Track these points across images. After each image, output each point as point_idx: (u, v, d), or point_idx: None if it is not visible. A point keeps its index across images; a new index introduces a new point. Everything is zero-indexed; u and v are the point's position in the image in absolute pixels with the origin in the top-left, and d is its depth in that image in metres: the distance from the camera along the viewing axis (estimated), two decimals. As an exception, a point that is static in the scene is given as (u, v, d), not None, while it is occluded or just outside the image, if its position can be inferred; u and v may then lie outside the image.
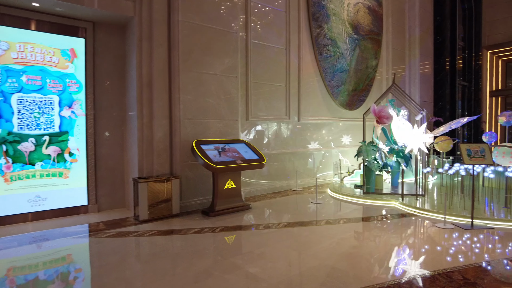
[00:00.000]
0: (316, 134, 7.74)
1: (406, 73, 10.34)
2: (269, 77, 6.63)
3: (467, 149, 3.99)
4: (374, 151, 5.69)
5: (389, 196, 5.66)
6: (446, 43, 11.43)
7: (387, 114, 5.59)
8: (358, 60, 8.46)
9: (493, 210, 4.65)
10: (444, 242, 3.59)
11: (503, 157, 4.58)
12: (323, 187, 6.99)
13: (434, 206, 4.96)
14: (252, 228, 4.16)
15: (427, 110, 11.00)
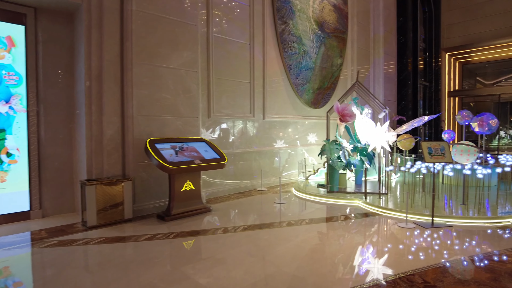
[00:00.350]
0: (282, 133, 7.59)
1: (370, 72, 10.46)
2: (233, 73, 6.38)
3: (428, 147, 3.96)
4: (337, 149, 5.60)
5: (352, 195, 5.59)
6: (409, 44, 11.71)
7: (350, 112, 5.52)
8: (323, 58, 8.41)
9: (452, 208, 4.69)
10: (406, 242, 3.52)
11: (461, 155, 4.62)
12: (288, 186, 6.85)
13: (397, 205, 4.93)
14: (209, 233, 3.90)
15: (391, 109, 11.22)
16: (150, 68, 4.91)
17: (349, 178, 6.96)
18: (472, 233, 3.83)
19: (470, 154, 4.57)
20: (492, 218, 4.17)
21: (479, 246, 3.41)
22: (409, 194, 5.20)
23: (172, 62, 5.16)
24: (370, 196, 5.45)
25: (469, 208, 4.62)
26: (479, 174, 4.45)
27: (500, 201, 5.04)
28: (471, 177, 5.83)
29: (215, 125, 6.09)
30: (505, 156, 6.32)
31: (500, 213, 4.31)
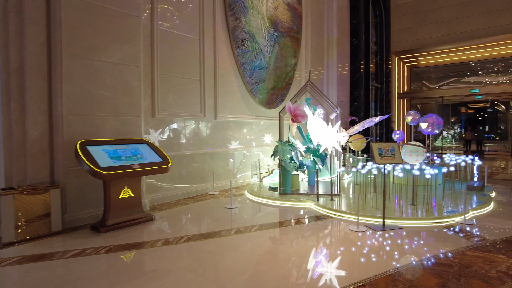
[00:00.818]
0: (237, 133, 7.31)
1: (324, 73, 10.52)
2: (181, 69, 5.98)
3: (379, 148, 3.88)
4: (290, 150, 5.43)
5: (305, 196, 5.45)
6: (361, 46, 11.98)
7: (303, 112, 5.37)
8: (277, 58, 8.25)
9: (402, 208, 4.68)
10: (357, 248, 3.38)
11: (410, 155, 4.64)
12: (243, 189, 6.58)
13: (349, 206, 4.85)
14: (147, 246, 3.50)
15: (344, 110, 11.39)
16: (84, 61, 4.39)
17: (302, 179, 6.85)
18: (421, 234, 3.80)
19: (418, 154, 4.60)
20: (439, 218, 4.20)
21: (427, 248, 3.36)
22: (360, 196, 5.15)
23: (110, 55, 4.67)
24: (323, 197, 5.34)
25: (418, 208, 4.64)
26: (427, 175, 4.48)
27: (445, 200, 5.14)
28: (419, 177, 5.95)
29: (161, 125, 5.65)
30: (449, 156, 6.55)
31: (446, 213, 4.35)
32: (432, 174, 4.49)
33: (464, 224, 4.07)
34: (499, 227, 4.08)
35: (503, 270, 2.78)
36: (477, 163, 5.98)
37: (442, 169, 4.81)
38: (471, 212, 4.52)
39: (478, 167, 6.13)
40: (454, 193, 5.53)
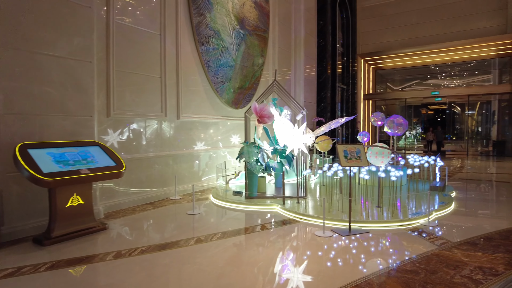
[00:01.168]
0: (203, 134, 7.02)
1: (292, 74, 10.45)
2: (140, 66, 5.60)
3: (344, 150, 3.77)
4: (256, 152, 5.23)
5: (272, 200, 5.28)
6: (328, 47, 12.06)
7: (269, 113, 5.19)
8: (244, 56, 8.04)
9: (368, 211, 4.63)
10: (323, 256, 3.24)
11: (376, 157, 4.60)
12: (208, 193, 6.30)
13: (316, 209, 4.73)
14: (96, 260, 3.15)
15: (311, 111, 11.40)
16: (26, 55, 3.93)
17: (269, 181, 6.69)
18: (387, 238, 3.74)
19: (384, 156, 4.57)
20: (404, 220, 4.17)
21: (394, 254, 3.28)
22: (327, 199, 5.05)
23: (58, 49, 4.23)
24: (290, 200, 5.19)
25: (383, 210, 4.61)
26: (392, 177, 4.45)
27: (410, 201, 5.17)
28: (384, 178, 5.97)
29: (118, 125, 5.25)
30: (412, 156, 6.65)
31: (411, 215, 4.34)
32: (398, 176, 4.47)
33: (428, 226, 4.06)
34: (461, 227, 4.11)
35: (467, 275, 2.74)
36: (439, 164, 6.10)
37: (407, 170, 4.81)
38: (435, 214, 4.54)
39: (439, 168, 6.26)
40: (418, 194, 5.58)
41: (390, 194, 4.97)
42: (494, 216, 4.74)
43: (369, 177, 4.52)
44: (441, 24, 15.32)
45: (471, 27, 14.70)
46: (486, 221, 4.44)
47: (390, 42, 16.43)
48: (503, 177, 8.57)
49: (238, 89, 7.86)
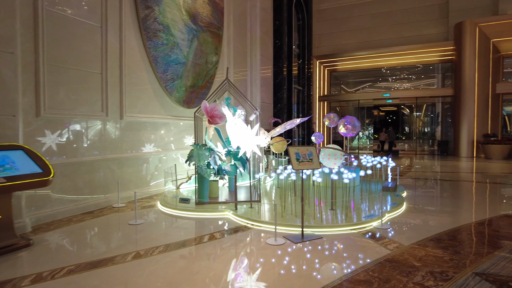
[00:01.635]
0: (153, 135, 6.55)
1: (248, 73, 10.24)
2: (77, 60, 5.04)
3: (296, 153, 3.59)
4: (207, 155, 4.90)
5: (224, 205, 4.99)
6: (284, 48, 12.00)
7: (220, 113, 4.90)
8: (196, 53, 7.67)
9: (322, 214, 4.50)
10: (273, 267, 3.01)
11: (329, 159, 4.49)
12: (157, 199, 5.86)
13: (269, 214, 4.51)
14: (8, 286, 2.66)
15: (268, 112, 11.27)
16: None
17: (223, 185, 6.39)
18: (340, 244, 3.61)
19: (337, 158, 4.48)
20: (357, 224, 4.08)
21: (347, 262, 3.14)
22: (280, 203, 4.86)
23: (-32, 36, 3.61)
24: (244, 204, 4.93)
25: (337, 213, 4.51)
26: (345, 179, 4.36)
27: (363, 203, 5.14)
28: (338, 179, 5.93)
29: (49, 126, 4.65)
30: (365, 157, 6.70)
31: (364, 218, 4.27)
32: (351, 178, 4.39)
33: (382, 229, 4.01)
34: (412, 229, 4.11)
35: (419, 282, 2.65)
36: (390, 164, 6.18)
37: (360, 171, 4.75)
38: (387, 215, 4.53)
39: (391, 168, 6.36)
40: (371, 196, 5.59)
41: (344, 196, 4.90)
42: (441, 215, 4.84)
43: (321, 179, 4.40)
44: (392, 29, 15.99)
45: (418, 33, 15.49)
46: (434, 220, 4.51)
47: (344, 45, 16.85)
48: (447, 175, 9.01)
49: (190, 88, 7.46)
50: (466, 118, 13.79)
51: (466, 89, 13.71)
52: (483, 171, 9.78)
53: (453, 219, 4.67)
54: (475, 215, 4.81)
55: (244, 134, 4.69)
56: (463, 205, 5.56)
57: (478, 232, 3.93)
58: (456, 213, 5.03)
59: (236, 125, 4.74)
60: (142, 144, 6.33)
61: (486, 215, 4.76)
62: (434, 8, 15.28)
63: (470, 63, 13.60)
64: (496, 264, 2.98)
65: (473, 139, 13.74)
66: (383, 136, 17.79)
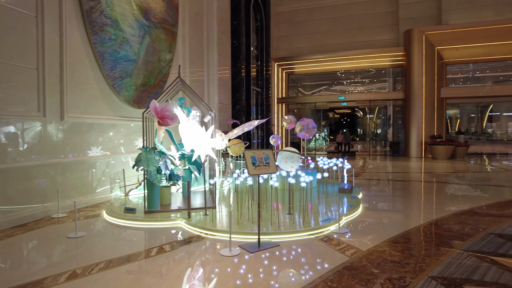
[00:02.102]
0: (100, 137, 6.03)
1: (205, 73, 9.92)
2: (7, 53, 4.45)
3: (252, 157, 3.39)
4: (156, 159, 4.55)
5: (177, 212, 4.66)
6: (242, 49, 11.83)
7: (172, 114, 4.58)
8: (148, 50, 7.23)
9: (279, 218, 4.34)
10: (228, 282, 2.78)
11: (286, 162, 4.35)
12: (104, 207, 5.36)
13: (224, 222, 4.27)
14: None
15: (226, 113, 11.01)
16: None
17: (178, 191, 6.04)
18: (298, 251, 3.46)
19: (294, 160, 4.35)
20: (315, 229, 3.97)
21: (305, 273, 2.99)
22: (238, 207, 4.64)
23: None
24: (199, 211, 4.64)
25: (294, 217, 4.37)
26: (302, 183, 4.24)
27: (320, 206, 5.07)
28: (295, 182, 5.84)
29: (-30, 128, 4.04)
30: (322, 159, 6.69)
31: (321, 222, 4.18)
32: (308, 182, 4.28)
33: (339, 233, 3.93)
34: (369, 232, 4.09)
35: (378, 289, 2.56)
36: (346, 166, 6.22)
37: (317, 174, 4.66)
38: (344, 218, 4.48)
39: (347, 170, 6.40)
40: (328, 199, 5.56)
41: (301, 200, 4.79)
42: (395, 216, 4.91)
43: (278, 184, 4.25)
44: (347, 34, 16.47)
45: (371, 39, 16.10)
46: (389, 222, 4.54)
47: (302, 48, 17.07)
48: (399, 175, 9.35)
49: (141, 86, 7.01)
50: (415, 121, 14.54)
51: (415, 93, 14.46)
52: (430, 170, 10.30)
53: (407, 219, 4.74)
54: (426, 215, 4.94)
55: (198, 137, 4.41)
56: (414, 205, 5.71)
57: (431, 232, 3.99)
58: (409, 213, 5.14)
59: (189, 126, 4.45)
60: (88, 148, 5.79)
61: (437, 214, 4.90)
62: (386, 15, 15.97)
63: (418, 68, 14.36)
64: (450, 266, 2.99)
65: (421, 140, 14.51)
66: (340, 137, 18.29)
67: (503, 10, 13.98)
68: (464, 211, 5.05)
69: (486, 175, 9.55)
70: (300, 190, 5.74)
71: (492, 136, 20.56)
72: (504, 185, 7.80)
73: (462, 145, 14.25)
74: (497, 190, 7.08)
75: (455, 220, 4.54)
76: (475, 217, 4.68)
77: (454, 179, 8.64)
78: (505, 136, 20.22)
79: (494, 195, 6.41)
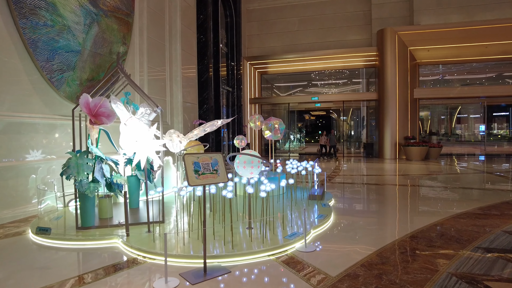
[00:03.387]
0: (34, 139, 5.14)
1: (166, 68, 9.11)
2: None
3: (195, 162, 2.70)
4: (89, 165, 3.76)
5: (116, 228, 3.89)
6: (209, 45, 11.10)
7: (108, 110, 3.82)
8: (97, 41, 6.38)
9: (236, 236, 3.66)
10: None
11: (244, 167, 3.69)
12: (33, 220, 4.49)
13: (174, 239, 3.54)
14: None
15: (192, 113, 10.24)
16: None
17: (126, 200, 5.24)
18: (250, 280, 2.80)
19: (254, 166, 3.70)
20: (277, 248, 3.32)
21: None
22: (190, 223, 3.92)
23: None
24: (152, 225, 3.89)
25: (256, 231, 3.71)
26: (262, 193, 3.57)
27: (287, 216, 4.44)
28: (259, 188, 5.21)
29: None
30: (291, 162, 6.08)
31: (286, 237, 3.54)
32: (268, 191, 3.63)
33: (305, 253, 3.30)
34: (341, 250, 3.49)
35: (350, 336, 1.94)
36: (316, 170, 5.62)
37: (282, 182, 4.01)
38: (313, 232, 3.87)
39: (317, 174, 5.78)
40: (296, 206, 4.95)
41: (264, 211, 4.14)
42: (370, 228, 4.35)
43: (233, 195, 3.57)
44: (320, 34, 16.10)
45: (344, 39, 15.81)
46: (364, 236, 3.97)
47: (274, 47, 16.55)
48: (373, 178, 8.92)
49: (87, 81, 6.15)
50: (389, 121, 14.32)
51: (389, 94, 14.24)
52: (406, 173, 9.96)
53: (383, 232, 4.19)
54: (404, 225, 4.42)
55: (137, 138, 3.67)
56: (391, 213, 5.20)
57: (411, 249, 3.44)
58: (385, 224, 4.60)
59: (126, 125, 3.70)
60: (18, 151, 4.90)
61: (416, 224, 4.38)
62: (358, 15, 15.73)
63: (392, 68, 14.16)
64: (436, 295, 2.42)
65: (395, 142, 14.30)
66: (323, 139, 16.65)
67: (471, 12, 14.06)
68: (445, 219, 4.57)
69: (464, 177, 9.31)
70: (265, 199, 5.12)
71: (461, 137, 20.86)
72: (484, 187, 7.51)
73: (435, 146, 14.15)
74: (480, 193, 6.73)
75: (437, 232, 4.03)
76: (458, 227, 4.20)
77: (431, 182, 8.30)
78: (472, 137, 20.56)
79: (476, 199, 6.03)
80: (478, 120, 19.86)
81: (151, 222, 3.88)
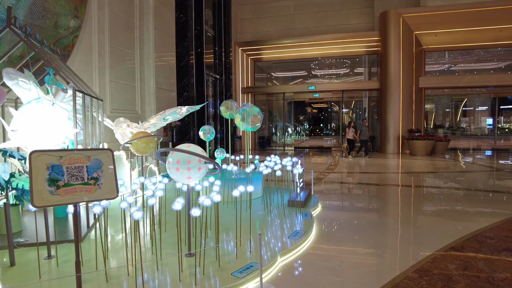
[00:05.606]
0: None
1: (135, 48, 7.95)
2: None
3: (54, 165, 1.58)
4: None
5: (16, 248, 2.80)
6: (191, 25, 9.91)
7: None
8: (34, 11, 5.23)
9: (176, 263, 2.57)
10: None
11: (178, 169, 2.55)
12: None
13: (90, 267, 2.45)
14: None
15: (169, 101, 9.10)
16: None
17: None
18: None
19: (192, 167, 2.57)
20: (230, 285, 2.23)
21: None
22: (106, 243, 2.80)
23: None
24: (64, 244, 2.80)
25: (199, 260, 2.61)
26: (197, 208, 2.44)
27: (253, 234, 3.33)
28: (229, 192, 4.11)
29: None
30: (272, 158, 4.96)
31: (236, 273, 2.44)
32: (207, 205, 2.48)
33: (261, 297, 2.20)
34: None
35: None
36: (296, 171, 4.44)
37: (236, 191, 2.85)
38: (280, 260, 2.76)
39: (300, 175, 4.61)
40: (270, 215, 3.84)
41: (222, 224, 3.03)
42: (363, 253, 3.24)
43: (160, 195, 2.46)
44: (317, 17, 14.85)
45: (344, 23, 14.55)
46: (353, 269, 2.86)
47: (268, 32, 15.31)
48: (373, 177, 7.80)
49: (19, 59, 5.02)
50: (392, 112, 13.13)
51: (392, 82, 13.03)
52: (412, 170, 8.82)
53: (381, 261, 3.03)
54: (411, 251, 3.27)
55: (28, 127, 2.56)
56: (393, 230, 4.07)
57: (420, 289, 2.33)
58: (385, 248, 3.39)
59: (37, 109, 2.59)
60: None
61: (427, 248, 3.23)
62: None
63: (395, 54, 12.92)
64: None
65: (399, 135, 13.13)
66: (351, 133, 12.42)
67: (484, -8, 12.74)
68: (465, 245, 3.45)
69: (483, 177, 8.16)
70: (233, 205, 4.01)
71: (466, 131, 19.63)
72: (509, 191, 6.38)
73: (442, 140, 12.92)
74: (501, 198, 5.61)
75: (457, 261, 2.91)
76: (485, 252, 3.09)
77: (441, 183, 7.16)
78: (478, 131, 19.33)
79: (500, 209, 4.91)
80: (485, 113, 18.63)
81: (60, 242, 2.78)
